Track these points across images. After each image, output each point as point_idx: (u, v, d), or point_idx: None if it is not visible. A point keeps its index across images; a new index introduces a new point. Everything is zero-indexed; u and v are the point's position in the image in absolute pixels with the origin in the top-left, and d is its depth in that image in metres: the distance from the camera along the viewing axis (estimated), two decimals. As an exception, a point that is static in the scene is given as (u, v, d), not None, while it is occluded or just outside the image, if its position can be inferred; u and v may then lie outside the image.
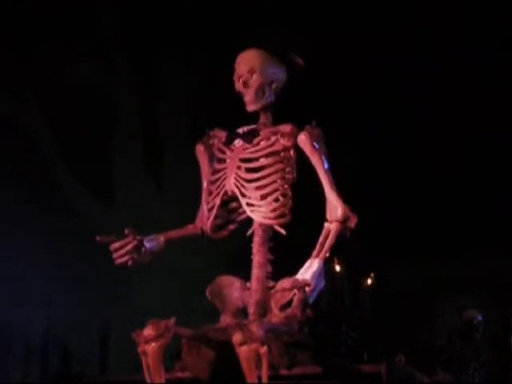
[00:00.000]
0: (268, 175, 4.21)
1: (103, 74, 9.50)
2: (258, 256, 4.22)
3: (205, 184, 4.43)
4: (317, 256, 4.04)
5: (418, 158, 9.11)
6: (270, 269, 4.23)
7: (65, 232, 8.78)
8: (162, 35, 9.27)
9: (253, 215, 4.21)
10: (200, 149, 4.45)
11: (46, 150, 9.25)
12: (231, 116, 4.35)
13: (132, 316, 8.68)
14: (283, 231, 4.13)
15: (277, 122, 4.35)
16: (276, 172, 4.22)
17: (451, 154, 9.13)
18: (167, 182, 9.56)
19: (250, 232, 4.28)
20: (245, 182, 4.22)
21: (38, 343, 8.80)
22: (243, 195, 4.22)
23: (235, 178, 4.24)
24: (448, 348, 7.71)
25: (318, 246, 4.08)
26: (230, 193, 4.27)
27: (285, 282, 4.00)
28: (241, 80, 4.33)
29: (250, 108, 4.35)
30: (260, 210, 4.19)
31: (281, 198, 4.19)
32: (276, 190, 4.20)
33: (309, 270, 4.00)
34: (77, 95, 9.05)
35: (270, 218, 4.18)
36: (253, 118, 4.39)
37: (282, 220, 4.16)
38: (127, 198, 9.38)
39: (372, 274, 8.70)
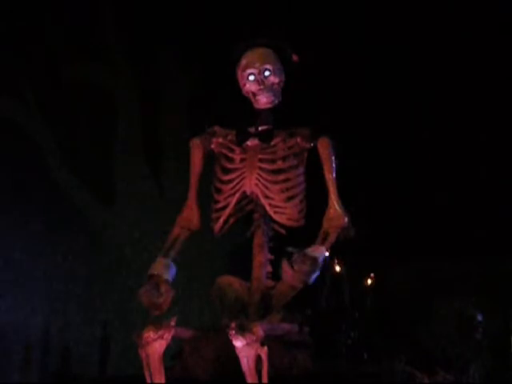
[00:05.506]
0: (292, 178, 4.22)
1: (103, 74, 9.49)
2: (258, 256, 4.22)
3: (193, 179, 4.34)
4: (321, 244, 4.03)
5: (418, 158, 9.10)
6: (270, 269, 4.23)
7: (65, 232, 8.78)
8: (162, 35, 9.26)
9: (276, 217, 4.20)
10: (196, 143, 4.37)
11: (45, 149, 9.23)
12: (231, 116, 4.33)
13: (132, 316, 8.67)
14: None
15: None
16: (299, 175, 4.23)
17: (451, 154, 9.12)
18: (167, 182, 9.54)
19: (250, 232, 4.28)
20: (268, 184, 4.19)
21: (37, 343, 8.78)
22: (266, 197, 4.19)
23: (257, 179, 4.21)
24: (448, 348, 7.69)
25: (318, 240, 4.06)
26: (249, 193, 4.23)
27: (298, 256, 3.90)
28: (255, 78, 4.29)
29: (265, 105, 4.30)
30: (285, 212, 4.18)
31: (302, 200, 4.19)
32: (299, 193, 4.21)
33: (316, 251, 3.95)
34: (77, 95, 9.04)
35: (293, 221, 4.18)
36: (252, 117, 4.36)
37: (301, 222, 4.17)
38: (127, 198, 9.37)
39: (372, 274, 8.69)
